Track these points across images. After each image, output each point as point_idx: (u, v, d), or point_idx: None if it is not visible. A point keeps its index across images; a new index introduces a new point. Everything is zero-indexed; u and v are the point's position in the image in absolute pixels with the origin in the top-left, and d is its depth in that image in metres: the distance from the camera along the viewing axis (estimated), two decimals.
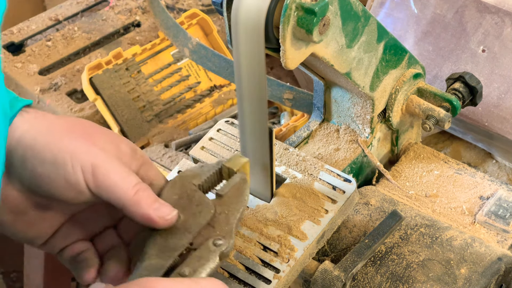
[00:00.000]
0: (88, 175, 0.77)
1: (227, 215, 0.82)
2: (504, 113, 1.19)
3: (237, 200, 0.83)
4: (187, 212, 0.82)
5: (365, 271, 0.94)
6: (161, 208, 0.79)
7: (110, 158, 0.79)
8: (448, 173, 1.09)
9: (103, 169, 0.77)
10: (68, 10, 1.63)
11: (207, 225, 0.81)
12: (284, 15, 0.84)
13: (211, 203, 0.82)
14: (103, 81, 1.44)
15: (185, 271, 0.77)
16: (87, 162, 0.77)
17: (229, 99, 1.50)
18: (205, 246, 0.79)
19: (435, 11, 1.25)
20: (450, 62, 1.23)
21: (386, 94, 1.05)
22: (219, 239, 0.80)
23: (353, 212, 1.00)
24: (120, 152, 0.81)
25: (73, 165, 0.77)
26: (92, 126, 0.82)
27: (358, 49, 0.96)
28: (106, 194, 0.78)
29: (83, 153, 0.78)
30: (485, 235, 1.02)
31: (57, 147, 0.77)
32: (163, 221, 0.79)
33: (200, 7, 1.65)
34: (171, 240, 0.79)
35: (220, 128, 1.03)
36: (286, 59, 0.87)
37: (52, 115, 0.82)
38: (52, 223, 0.83)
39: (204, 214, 0.81)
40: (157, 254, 0.78)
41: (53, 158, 0.77)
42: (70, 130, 0.80)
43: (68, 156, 0.77)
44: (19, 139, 0.78)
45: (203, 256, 0.78)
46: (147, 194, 0.79)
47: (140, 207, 0.78)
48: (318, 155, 1.07)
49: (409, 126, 1.14)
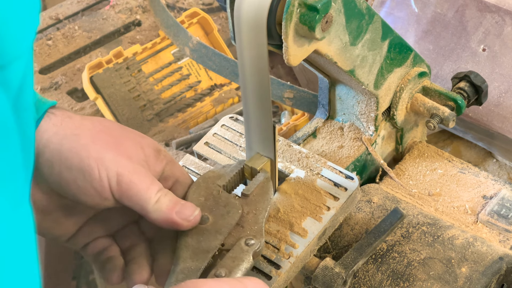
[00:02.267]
0: (113, 184, 0.79)
1: (255, 214, 0.83)
2: (505, 112, 1.19)
3: (263, 198, 0.85)
4: (215, 213, 0.83)
5: (366, 269, 0.94)
6: (183, 210, 0.80)
7: (134, 166, 0.80)
8: (452, 172, 1.09)
9: (127, 178, 0.79)
10: (68, 9, 1.64)
11: (237, 225, 0.82)
12: (286, 11, 0.84)
13: (238, 203, 0.83)
14: (103, 80, 1.44)
15: (221, 272, 0.78)
16: (113, 170, 0.78)
17: (229, 98, 1.50)
18: (238, 246, 0.80)
19: (436, 10, 1.26)
20: (451, 61, 1.23)
21: (391, 92, 1.05)
22: (251, 238, 0.81)
23: (355, 209, 1.00)
24: (145, 156, 0.82)
25: (100, 173, 0.78)
26: (117, 129, 0.83)
27: (362, 47, 0.96)
28: (129, 202, 0.80)
29: (109, 161, 0.78)
30: (487, 235, 1.02)
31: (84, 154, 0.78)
32: (186, 223, 0.80)
33: (201, 6, 1.65)
34: (203, 242, 0.80)
35: (224, 123, 1.03)
36: (288, 55, 0.87)
37: (79, 116, 0.83)
38: (76, 222, 0.85)
39: (232, 214, 0.83)
40: (191, 257, 0.79)
41: (80, 165, 0.78)
42: (97, 136, 0.81)
43: (95, 163, 0.78)
44: (46, 143, 0.79)
45: (237, 257, 0.79)
46: (168, 198, 0.80)
47: (163, 213, 0.79)
48: (321, 152, 1.07)
49: (414, 124, 1.14)
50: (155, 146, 0.85)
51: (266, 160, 0.87)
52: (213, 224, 0.82)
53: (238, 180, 0.88)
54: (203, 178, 0.86)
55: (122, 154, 0.80)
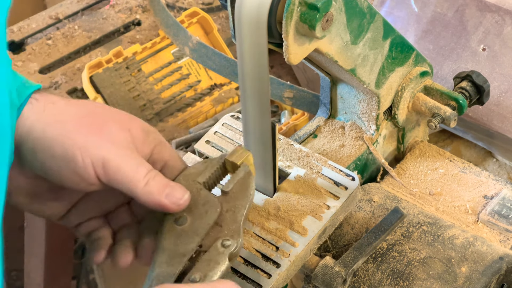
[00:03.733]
0: (99, 169, 0.78)
1: (234, 212, 0.81)
2: (505, 112, 1.19)
3: (243, 195, 0.82)
4: (193, 213, 0.81)
5: (366, 268, 0.94)
6: (172, 193, 0.79)
7: (120, 149, 0.79)
8: (453, 171, 1.09)
9: (113, 162, 0.78)
10: (68, 9, 1.64)
11: (215, 224, 0.80)
12: (287, 10, 0.84)
13: (217, 201, 0.82)
14: (103, 80, 1.44)
15: (195, 277, 0.76)
16: (97, 156, 0.77)
17: (229, 97, 1.50)
18: (214, 248, 0.79)
19: (436, 10, 1.26)
20: (451, 60, 1.23)
21: (392, 91, 1.05)
22: (227, 239, 0.79)
23: (355, 208, 1.00)
24: (132, 138, 0.81)
25: (83, 160, 0.77)
26: (103, 113, 0.82)
27: (363, 46, 0.96)
28: (118, 186, 0.79)
29: (93, 148, 0.78)
30: (488, 234, 1.01)
31: (67, 141, 0.78)
32: (175, 207, 0.80)
33: (201, 6, 1.65)
34: (180, 246, 0.79)
35: (225, 122, 1.03)
36: (289, 54, 0.87)
37: (63, 101, 0.82)
38: (66, 204, 0.85)
39: (210, 213, 0.81)
40: (167, 261, 0.78)
41: (63, 153, 0.77)
42: (80, 122, 0.80)
43: (78, 151, 0.77)
44: (28, 131, 0.78)
45: (212, 259, 0.78)
46: (157, 181, 0.79)
47: (152, 196, 0.79)
48: (323, 151, 1.07)
49: (416, 124, 1.13)
50: (144, 127, 0.83)
51: (248, 153, 0.84)
52: (190, 225, 0.80)
53: (220, 174, 0.85)
54: (184, 175, 0.84)
55: (106, 138, 0.79)
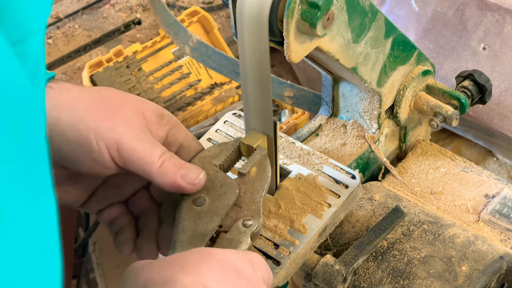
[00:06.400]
0: (114, 152, 0.78)
1: (252, 193, 0.82)
2: (505, 111, 1.19)
3: (260, 177, 0.83)
4: (212, 194, 0.82)
5: (366, 266, 0.94)
6: (187, 174, 0.80)
7: (134, 132, 0.79)
8: (455, 170, 1.09)
9: (127, 145, 0.78)
10: (68, 8, 1.64)
11: (234, 205, 0.81)
12: (288, 8, 0.84)
13: (235, 183, 0.82)
14: (103, 79, 1.44)
15: None
16: (112, 139, 0.78)
17: (229, 96, 1.50)
18: (235, 228, 0.79)
19: (436, 9, 1.26)
20: (451, 59, 1.23)
21: (394, 90, 1.05)
22: (248, 219, 0.80)
23: (356, 207, 1.00)
24: (146, 121, 0.81)
25: (98, 143, 0.78)
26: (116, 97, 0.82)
27: (365, 45, 0.96)
28: (133, 168, 0.79)
29: (107, 131, 0.78)
30: (489, 234, 1.01)
31: (80, 126, 0.78)
32: (191, 187, 0.80)
33: (201, 5, 1.65)
34: (200, 226, 0.79)
35: (227, 120, 1.03)
36: (290, 52, 0.87)
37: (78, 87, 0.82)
38: (85, 190, 0.85)
39: (229, 194, 0.81)
40: (188, 241, 0.78)
41: (78, 138, 0.78)
42: (93, 106, 0.80)
43: (92, 135, 0.78)
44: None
45: (234, 238, 0.78)
46: (172, 162, 0.79)
47: (167, 177, 0.79)
48: (324, 149, 1.07)
49: (418, 123, 1.13)
50: (158, 110, 0.84)
51: (263, 136, 0.85)
52: (209, 205, 0.81)
53: (235, 158, 0.86)
54: (199, 158, 0.84)
55: (120, 121, 0.79)
